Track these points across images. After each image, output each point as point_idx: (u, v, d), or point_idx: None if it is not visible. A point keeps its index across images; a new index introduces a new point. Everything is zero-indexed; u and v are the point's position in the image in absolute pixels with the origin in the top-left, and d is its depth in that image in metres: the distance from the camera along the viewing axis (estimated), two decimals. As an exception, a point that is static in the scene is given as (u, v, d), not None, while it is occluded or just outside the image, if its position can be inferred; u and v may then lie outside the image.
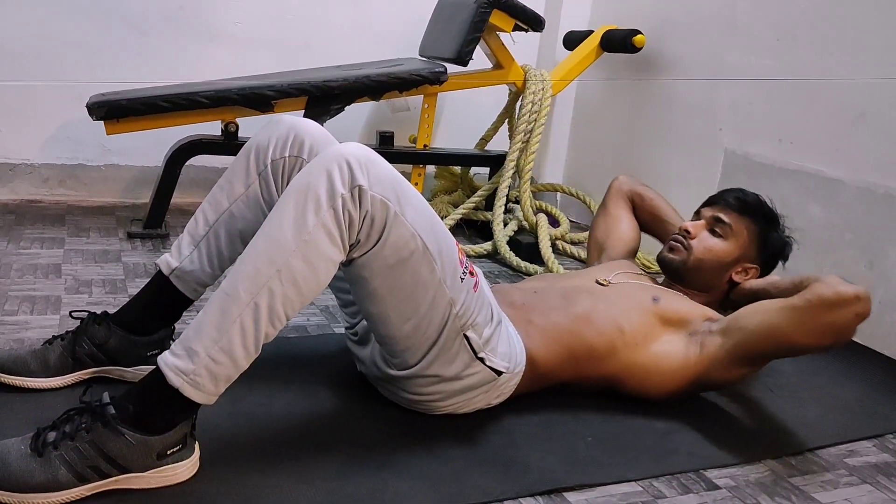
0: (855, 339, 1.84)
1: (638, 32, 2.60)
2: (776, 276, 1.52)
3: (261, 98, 2.20)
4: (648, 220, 1.79)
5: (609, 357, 1.38)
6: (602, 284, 1.50)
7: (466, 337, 1.20)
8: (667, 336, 1.40)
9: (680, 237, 1.55)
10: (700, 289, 1.54)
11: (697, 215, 1.58)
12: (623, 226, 1.77)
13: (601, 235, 1.78)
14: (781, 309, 1.28)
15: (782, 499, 1.19)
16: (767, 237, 1.54)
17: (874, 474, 1.29)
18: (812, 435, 1.40)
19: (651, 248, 1.93)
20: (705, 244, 1.52)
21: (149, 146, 2.50)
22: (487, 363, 1.24)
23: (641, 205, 1.79)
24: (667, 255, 1.56)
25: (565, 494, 1.14)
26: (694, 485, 1.20)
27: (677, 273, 1.55)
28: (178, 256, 1.28)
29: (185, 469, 1.05)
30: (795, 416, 1.48)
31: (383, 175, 1.07)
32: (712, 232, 1.53)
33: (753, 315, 1.34)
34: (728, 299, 1.56)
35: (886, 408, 1.55)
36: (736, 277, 1.53)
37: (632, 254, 1.75)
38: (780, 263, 1.59)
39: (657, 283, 1.59)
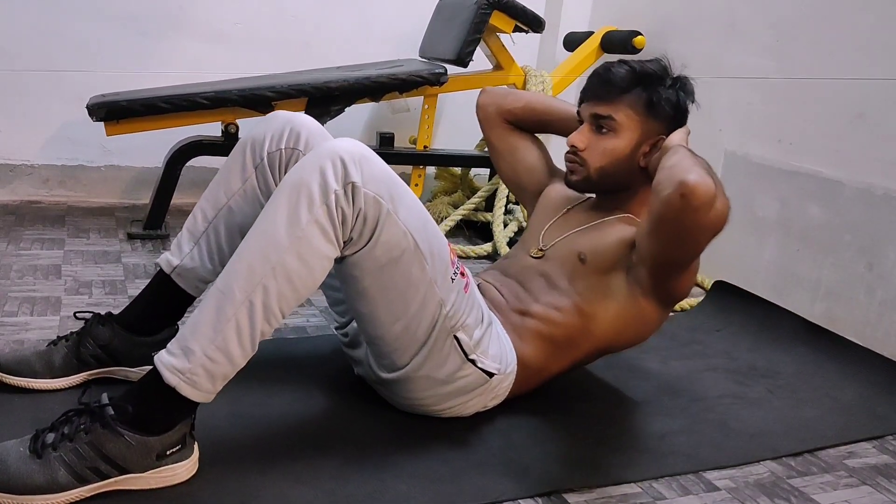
0: (854, 339, 1.84)
1: (638, 34, 2.60)
2: (673, 135, 1.35)
3: (261, 99, 2.20)
4: (538, 128, 1.64)
5: (583, 335, 1.34)
6: (537, 257, 1.43)
7: (457, 338, 1.19)
8: (611, 290, 1.32)
9: (571, 156, 1.41)
10: (620, 189, 1.41)
11: (579, 115, 1.43)
12: (521, 153, 1.62)
13: (511, 178, 1.65)
14: (644, 234, 1.22)
15: (782, 500, 1.19)
16: (654, 102, 1.36)
17: (874, 476, 1.29)
18: (811, 436, 1.40)
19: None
20: (597, 150, 1.37)
21: (149, 147, 2.50)
22: (479, 365, 1.23)
23: (520, 120, 1.62)
24: (570, 179, 1.42)
25: (565, 496, 1.14)
26: (693, 486, 1.20)
27: (588, 190, 1.45)
28: (178, 254, 1.28)
29: (184, 469, 1.05)
30: (795, 418, 1.48)
31: (377, 172, 1.07)
32: (599, 130, 1.37)
33: (640, 238, 1.27)
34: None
35: (886, 409, 1.55)
36: (644, 161, 1.37)
37: (548, 168, 1.63)
38: (690, 105, 1.44)
39: (584, 209, 1.47)
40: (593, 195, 1.48)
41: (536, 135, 1.67)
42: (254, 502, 1.03)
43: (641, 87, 1.36)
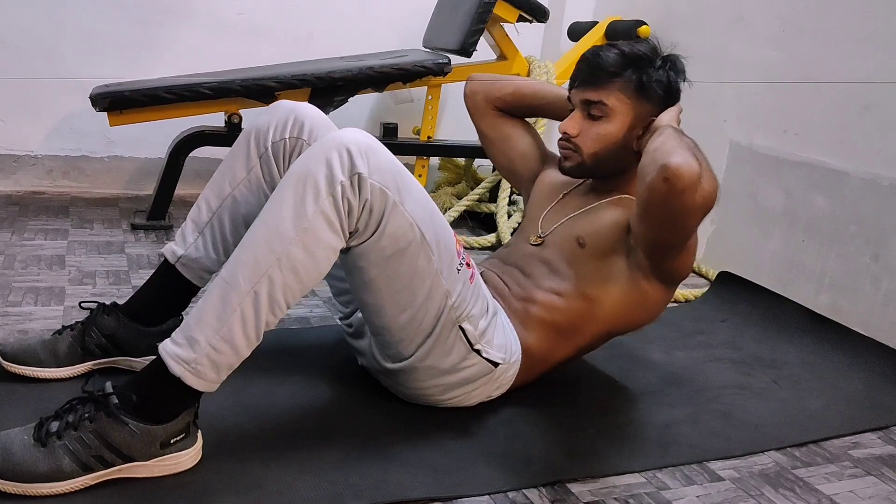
0: (859, 330, 1.83)
1: (643, 23, 2.58)
2: (664, 114, 1.33)
3: (264, 89, 2.20)
4: (528, 113, 1.62)
5: (587, 320, 1.33)
6: (536, 245, 1.42)
7: (462, 329, 1.19)
8: (613, 273, 1.32)
9: (563, 142, 1.39)
10: (616, 174, 1.39)
11: (570, 101, 1.41)
12: (513, 141, 1.60)
13: (504, 165, 1.64)
14: (636, 218, 1.22)
15: (786, 490, 1.19)
16: (644, 84, 1.33)
17: (879, 466, 1.29)
18: (816, 426, 1.40)
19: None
20: (590, 136, 1.35)
21: (152, 138, 2.50)
22: (484, 355, 1.23)
23: (509, 106, 1.60)
24: (564, 166, 1.41)
25: (569, 486, 1.14)
26: (697, 476, 1.20)
27: (583, 176, 1.43)
28: (182, 244, 1.28)
29: (188, 458, 1.05)
30: (799, 408, 1.47)
31: (383, 163, 1.06)
32: (591, 117, 1.35)
33: (633, 223, 1.26)
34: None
35: (891, 399, 1.55)
36: (638, 145, 1.35)
37: (541, 154, 1.61)
38: (683, 84, 1.40)
39: (580, 193, 1.46)
40: (589, 180, 1.47)
41: (527, 119, 1.65)
42: (257, 491, 1.03)
43: (631, 70, 1.33)
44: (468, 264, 1.20)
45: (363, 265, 1.11)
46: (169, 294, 1.31)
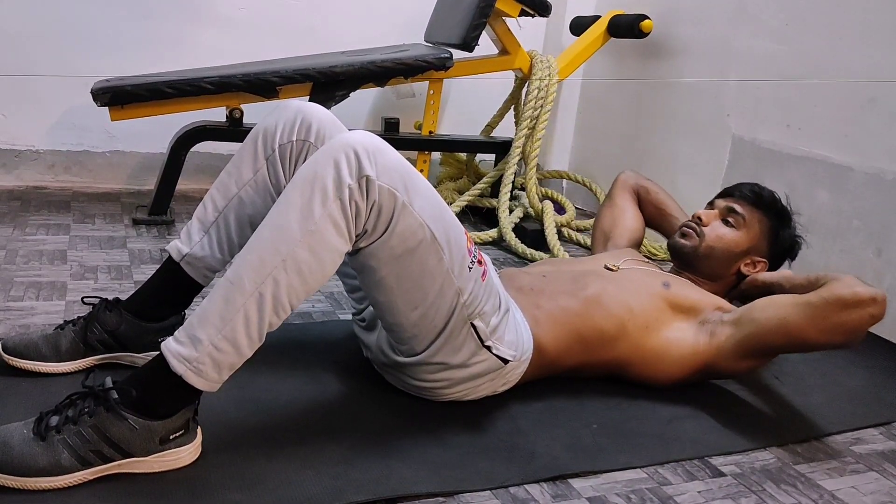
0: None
1: (645, 17, 2.57)
2: (790, 272, 1.51)
3: (265, 84, 2.20)
4: (653, 213, 1.80)
5: (618, 340, 1.37)
6: (611, 269, 1.49)
7: (473, 326, 1.19)
8: (677, 323, 1.40)
9: (693, 223, 1.56)
10: (708, 277, 1.54)
11: (711, 206, 1.59)
12: (628, 217, 1.78)
13: (607, 225, 1.78)
14: (796, 304, 1.29)
15: (788, 486, 1.18)
16: (779, 233, 1.54)
17: (880, 462, 1.29)
18: (818, 422, 1.40)
19: (657, 239, 1.93)
20: (717, 232, 1.53)
21: (153, 132, 2.49)
22: (494, 351, 1.23)
23: (647, 198, 1.80)
24: (678, 241, 1.56)
25: (570, 481, 1.13)
26: (699, 472, 1.20)
27: (687, 259, 1.55)
28: (188, 242, 1.28)
29: (187, 453, 1.05)
30: (801, 404, 1.47)
31: (391, 164, 1.06)
32: (725, 222, 1.54)
33: (767, 308, 1.34)
34: (736, 290, 1.55)
35: (893, 395, 1.54)
36: (745, 269, 1.53)
37: (636, 245, 1.76)
38: (787, 262, 1.59)
39: (665, 270, 1.58)
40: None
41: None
42: (259, 487, 1.03)
43: (777, 216, 1.55)
44: (480, 262, 1.20)
45: (374, 265, 1.11)
46: (172, 291, 1.31)
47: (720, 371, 1.40)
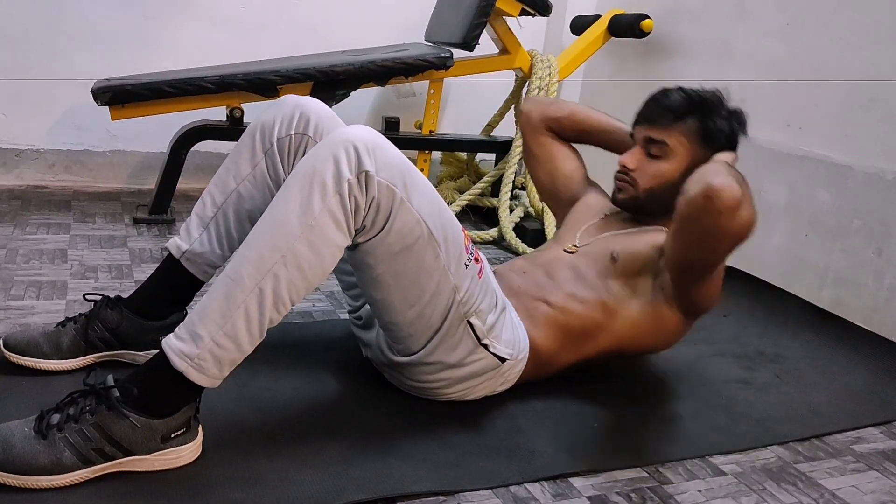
0: (862, 325, 1.83)
1: (646, 17, 2.57)
2: (723, 154, 1.35)
3: (266, 83, 2.20)
4: (578, 139, 1.65)
5: (601, 330, 1.35)
6: (570, 252, 1.44)
7: (470, 324, 1.19)
8: (637, 291, 1.34)
9: (622, 174, 1.44)
10: (663, 214, 1.39)
11: (632, 137, 1.45)
12: (559, 162, 1.64)
13: (546, 185, 1.67)
14: (669, 235, 1.24)
15: (788, 485, 1.18)
16: (707, 131, 1.38)
17: (881, 461, 1.29)
18: (819, 421, 1.40)
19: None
20: (648, 173, 1.40)
21: (154, 132, 2.49)
22: (491, 350, 1.23)
23: (562, 129, 1.64)
24: (618, 197, 1.45)
25: (571, 480, 1.13)
26: (700, 471, 1.20)
27: (634, 209, 1.45)
28: (187, 239, 1.28)
29: (188, 452, 1.05)
30: (802, 403, 1.47)
31: (390, 160, 1.06)
32: (651, 156, 1.40)
33: (666, 240, 1.28)
34: None
35: (894, 394, 1.54)
36: None
37: (585, 179, 1.65)
38: (742, 137, 1.44)
39: (622, 218, 1.48)
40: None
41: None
42: (259, 485, 1.03)
43: (697, 115, 1.38)
44: (477, 259, 1.20)
45: (371, 262, 1.11)
46: (173, 288, 1.31)
47: (694, 309, 1.34)
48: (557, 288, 1.37)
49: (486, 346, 1.22)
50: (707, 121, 1.38)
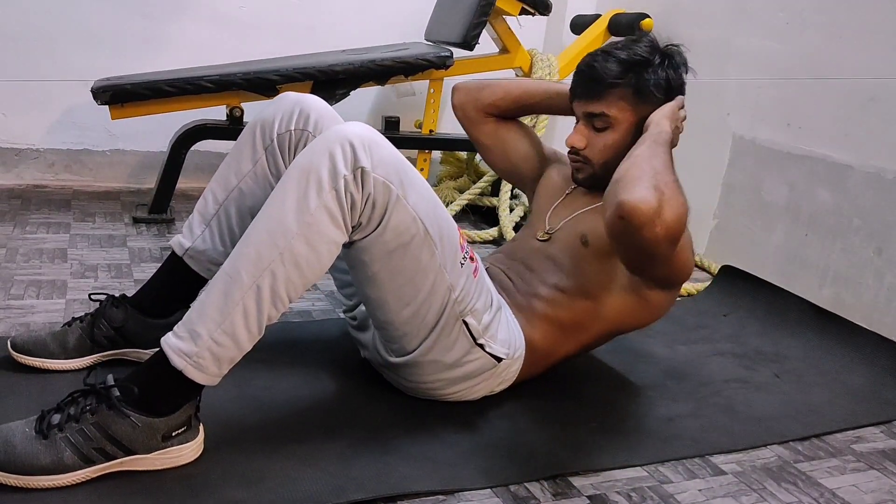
0: (862, 324, 1.83)
1: (646, 16, 2.57)
2: (662, 110, 1.30)
3: (266, 83, 2.19)
4: (521, 113, 1.58)
5: (591, 318, 1.34)
6: (543, 241, 1.41)
7: (465, 323, 1.19)
8: (615, 274, 1.31)
9: (573, 156, 1.38)
10: None
11: (573, 112, 1.40)
12: (511, 144, 1.57)
13: (506, 169, 1.62)
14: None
15: (788, 484, 1.18)
16: (643, 89, 1.30)
17: (881, 460, 1.29)
18: (819, 421, 1.40)
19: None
20: (598, 147, 1.34)
21: (154, 131, 2.49)
22: (487, 349, 1.23)
23: (501, 111, 1.55)
24: (577, 177, 1.40)
25: (570, 479, 1.13)
26: (700, 470, 1.20)
27: (597, 185, 1.36)
28: (189, 236, 1.28)
29: (189, 450, 1.05)
30: (802, 402, 1.47)
31: (386, 157, 1.06)
32: (595, 128, 1.34)
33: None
34: None
35: (894, 394, 1.54)
36: None
37: (542, 153, 1.58)
38: (685, 75, 1.36)
39: (585, 192, 1.43)
40: None
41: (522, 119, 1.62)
42: (259, 484, 1.03)
43: (630, 76, 1.30)
44: (472, 258, 1.20)
45: (366, 259, 1.11)
46: (176, 286, 1.31)
47: (670, 284, 1.32)
48: (541, 282, 1.35)
49: (481, 346, 1.22)
50: (640, 79, 1.30)
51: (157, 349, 1.02)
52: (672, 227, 1.09)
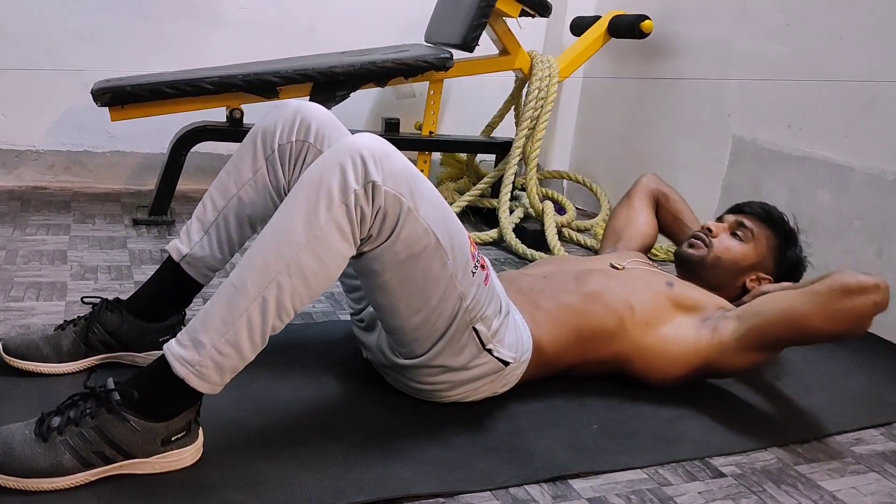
0: (863, 327, 1.83)
1: (646, 18, 2.57)
2: (790, 284, 1.51)
3: (266, 84, 2.19)
4: (669, 222, 1.82)
5: (617, 336, 1.37)
6: (617, 268, 1.50)
7: (475, 329, 1.19)
8: (678, 319, 1.40)
9: (701, 234, 1.58)
10: (713, 287, 1.52)
11: (721, 220, 1.62)
12: (642, 221, 1.78)
13: (620, 225, 1.79)
14: (801, 294, 1.30)
15: (788, 486, 1.18)
16: (785, 252, 1.57)
17: (881, 462, 1.29)
18: (819, 423, 1.40)
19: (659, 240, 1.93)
20: (725, 244, 1.55)
21: (154, 133, 2.49)
22: (495, 354, 1.23)
23: (665, 205, 1.82)
24: (686, 251, 1.58)
25: (570, 481, 1.13)
26: (700, 472, 1.20)
27: (693, 269, 1.56)
28: (187, 242, 1.28)
29: (189, 455, 1.05)
30: (802, 404, 1.47)
31: (397, 169, 1.06)
32: (734, 235, 1.56)
33: (770, 301, 1.35)
34: (738, 301, 1.54)
35: (894, 396, 1.54)
36: (749, 285, 1.55)
37: (646, 249, 1.76)
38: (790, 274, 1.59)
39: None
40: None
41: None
42: (259, 487, 1.03)
43: (784, 235, 1.57)
44: (483, 266, 1.20)
45: (377, 268, 1.11)
46: (172, 291, 1.31)
47: (722, 367, 1.40)
48: (579, 290, 1.39)
49: (489, 351, 1.22)
50: (789, 245, 1.57)
51: (156, 351, 1.02)
52: (882, 307, 1.25)
